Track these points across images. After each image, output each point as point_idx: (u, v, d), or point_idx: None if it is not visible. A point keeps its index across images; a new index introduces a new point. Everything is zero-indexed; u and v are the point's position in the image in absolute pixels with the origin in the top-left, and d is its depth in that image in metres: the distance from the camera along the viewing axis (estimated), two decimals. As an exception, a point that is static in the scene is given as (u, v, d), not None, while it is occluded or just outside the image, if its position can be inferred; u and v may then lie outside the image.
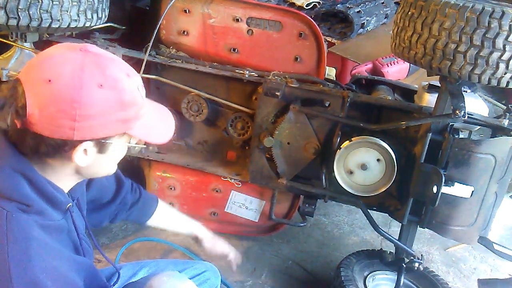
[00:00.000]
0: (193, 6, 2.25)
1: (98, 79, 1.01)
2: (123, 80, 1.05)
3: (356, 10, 3.07)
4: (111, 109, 1.03)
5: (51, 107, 0.97)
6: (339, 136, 2.02)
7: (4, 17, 1.85)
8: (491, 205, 1.92)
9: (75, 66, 0.99)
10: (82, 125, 1.00)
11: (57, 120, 0.98)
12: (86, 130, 1.02)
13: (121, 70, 1.07)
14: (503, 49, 1.55)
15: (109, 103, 1.02)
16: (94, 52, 1.04)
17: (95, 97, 1.00)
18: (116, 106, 1.04)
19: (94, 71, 1.01)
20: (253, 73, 2.21)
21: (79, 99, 0.98)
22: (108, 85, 1.02)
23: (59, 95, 0.97)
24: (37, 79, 0.98)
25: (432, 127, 1.86)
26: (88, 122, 1.01)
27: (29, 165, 1.04)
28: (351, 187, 2.00)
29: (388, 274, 2.17)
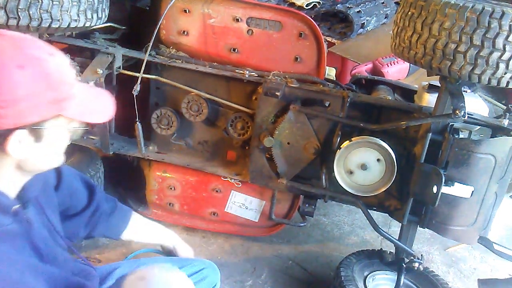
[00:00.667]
0: (193, 6, 2.25)
1: (18, 60, 0.95)
2: (46, 58, 0.99)
3: (356, 10, 3.07)
4: (38, 90, 0.97)
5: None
6: (339, 136, 2.02)
7: (4, 17, 1.85)
8: (491, 205, 1.92)
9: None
10: (9, 112, 0.94)
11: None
12: (15, 116, 0.95)
13: (42, 49, 1.00)
14: (503, 49, 1.55)
15: (34, 83, 0.96)
16: (11, 34, 0.99)
17: (18, 79, 0.94)
18: (43, 86, 0.98)
19: (12, 53, 0.95)
20: (253, 73, 2.21)
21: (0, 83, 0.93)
22: (30, 65, 0.96)
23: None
24: None
25: (432, 127, 1.86)
26: (15, 107, 0.94)
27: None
28: (351, 187, 2.00)
29: (388, 274, 2.17)
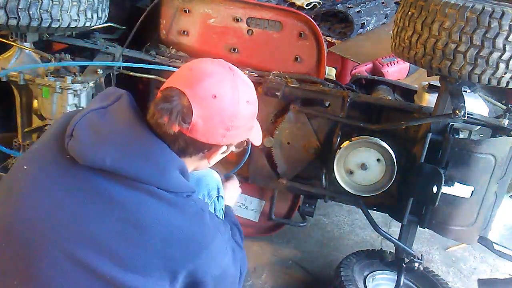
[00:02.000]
0: (193, 6, 2.25)
1: (247, 96, 1.21)
2: (255, 95, 1.27)
3: (356, 10, 3.06)
4: (250, 121, 1.25)
5: (215, 119, 1.15)
6: (339, 136, 2.02)
7: (4, 17, 1.85)
8: (491, 205, 1.92)
9: (233, 85, 1.18)
10: (230, 134, 1.19)
11: (216, 129, 1.16)
12: (231, 137, 1.21)
13: (253, 87, 1.27)
14: (503, 49, 1.55)
15: (249, 116, 1.24)
16: (238, 71, 1.24)
17: (245, 112, 1.20)
18: (252, 118, 1.27)
19: (245, 89, 1.21)
20: (253, 73, 2.21)
21: (236, 113, 1.17)
22: (251, 102, 1.23)
23: (223, 109, 1.15)
24: (203, 94, 1.13)
25: (432, 127, 1.86)
26: (235, 131, 1.20)
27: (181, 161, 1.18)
28: (351, 187, 2.00)
29: (388, 274, 2.17)
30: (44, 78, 2.01)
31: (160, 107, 1.11)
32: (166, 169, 1.11)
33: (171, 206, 1.10)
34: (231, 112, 1.16)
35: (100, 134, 1.10)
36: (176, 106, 1.11)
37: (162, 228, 1.08)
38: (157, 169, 1.10)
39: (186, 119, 1.12)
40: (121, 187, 1.08)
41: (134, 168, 1.08)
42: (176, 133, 1.12)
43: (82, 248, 1.04)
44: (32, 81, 2.03)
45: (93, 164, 1.08)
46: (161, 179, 1.10)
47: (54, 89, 1.99)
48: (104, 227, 1.06)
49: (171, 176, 1.12)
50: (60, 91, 2.00)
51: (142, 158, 1.09)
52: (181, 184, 1.14)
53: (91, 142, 1.09)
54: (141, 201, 1.08)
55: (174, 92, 1.13)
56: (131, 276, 1.05)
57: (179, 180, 1.14)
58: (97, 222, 1.06)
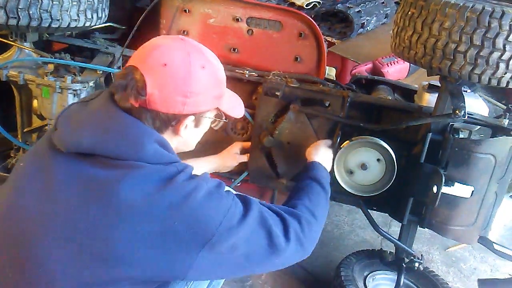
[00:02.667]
0: (193, 6, 2.25)
1: (201, 62, 1.22)
2: (216, 62, 1.28)
3: (356, 10, 3.06)
4: (210, 86, 1.24)
5: (169, 86, 1.16)
6: (339, 136, 2.01)
7: (4, 16, 1.85)
8: (491, 205, 1.92)
9: (183, 52, 1.20)
10: (190, 101, 1.20)
11: (173, 97, 1.17)
12: (192, 105, 1.21)
13: (212, 55, 1.28)
14: (503, 49, 1.55)
15: (209, 81, 1.23)
16: (191, 40, 1.25)
17: (200, 77, 1.21)
18: (213, 84, 1.26)
19: (197, 56, 1.22)
20: (253, 73, 2.20)
21: (190, 78, 1.18)
22: (208, 66, 1.23)
23: (175, 75, 1.17)
24: (153, 64, 1.16)
25: (432, 127, 1.86)
26: (195, 98, 1.20)
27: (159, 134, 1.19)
28: (351, 187, 2.00)
29: (388, 274, 2.17)
30: (44, 78, 2.01)
31: (116, 84, 1.16)
32: (142, 142, 1.13)
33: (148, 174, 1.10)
34: (183, 77, 1.18)
35: (78, 121, 1.17)
36: (130, 80, 1.15)
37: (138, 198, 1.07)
38: (133, 143, 1.12)
39: (141, 91, 1.14)
40: (102, 167, 1.10)
41: (110, 146, 1.11)
42: (137, 108, 1.16)
43: (72, 230, 1.08)
44: (32, 81, 2.04)
45: (73, 149, 1.12)
46: (139, 153, 1.12)
47: (54, 89, 1.99)
48: (90, 209, 1.08)
49: (149, 148, 1.13)
50: (60, 91, 2.00)
51: (116, 135, 1.12)
52: (161, 155, 1.15)
53: (69, 130, 1.15)
54: (122, 177, 1.08)
55: (128, 69, 1.18)
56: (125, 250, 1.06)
57: (157, 151, 1.15)
58: (83, 205, 1.08)
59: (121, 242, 1.06)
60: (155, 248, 1.07)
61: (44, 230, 1.09)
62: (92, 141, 1.11)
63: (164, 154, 1.15)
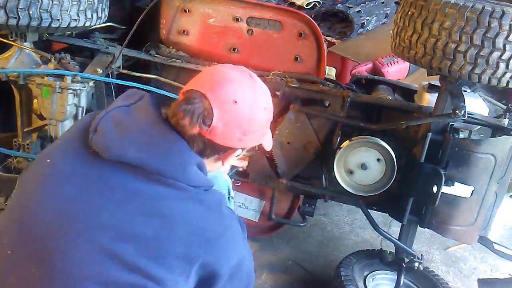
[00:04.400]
0: (193, 5, 2.25)
1: (264, 103, 1.27)
2: (271, 102, 1.31)
3: (356, 9, 3.06)
4: (265, 127, 1.31)
5: (234, 123, 1.19)
6: (339, 136, 2.02)
7: (4, 16, 1.85)
8: (491, 204, 1.92)
9: (252, 92, 1.23)
10: (247, 138, 1.24)
11: (234, 133, 1.20)
12: (247, 142, 1.25)
13: (269, 94, 1.32)
14: (503, 49, 1.55)
15: (266, 122, 1.29)
16: (257, 78, 1.28)
17: (261, 117, 1.25)
18: (267, 125, 1.32)
19: (263, 96, 1.26)
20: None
21: (254, 119, 1.22)
22: (268, 108, 1.29)
23: (242, 115, 1.20)
24: (224, 99, 1.17)
25: (432, 127, 1.86)
26: (251, 136, 1.24)
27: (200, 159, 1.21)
28: (351, 186, 2.00)
29: (388, 274, 2.17)
30: (44, 78, 2.01)
31: (182, 108, 1.15)
32: (186, 164, 1.14)
33: (191, 198, 1.14)
34: (249, 117, 1.21)
35: (123, 129, 1.15)
36: (198, 108, 1.15)
37: (182, 218, 1.11)
38: (178, 164, 1.13)
39: (207, 121, 1.16)
40: (143, 180, 1.11)
41: (156, 162, 1.11)
42: (195, 134, 1.17)
43: (104, 236, 1.07)
44: (32, 81, 2.03)
45: (116, 157, 1.11)
46: (182, 174, 1.13)
47: (54, 88, 1.99)
48: (126, 217, 1.08)
49: (191, 171, 1.15)
50: (60, 91, 2.00)
51: (163, 153, 1.13)
52: (200, 179, 1.17)
53: (114, 137, 1.14)
54: (163, 194, 1.11)
55: (196, 95, 1.17)
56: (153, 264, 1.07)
57: (198, 175, 1.17)
58: (119, 212, 1.09)
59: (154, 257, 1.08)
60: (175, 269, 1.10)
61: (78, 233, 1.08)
62: (138, 154, 1.11)
63: (201, 178, 1.18)
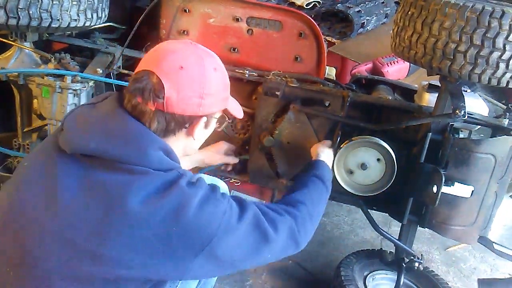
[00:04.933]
0: (193, 5, 2.25)
1: (213, 65, 1.27)
2: (223, 66, 1.32)
3: (356, 9, 3.06)
4: (220, 89, 1.29)
5: (186, 88, 1.20)
6: (339, 136, 2.01)
7: (4, 16, 1.85)
8: (491, 204, 1.92)
9: (196, 55, 1.23)
10: (205, 102, 1.23)
11: (190, 99, 1.20)
12: (207, 107, 1.25)
13: (219, 59, 1.32)
14: (503, 49, 1.55)
15: (220, 83, 1.29)
16: (199, 45, 1.28)
17: (213, 79, 1.25)
18: (223, 86, 1.31)
19: (209, 59, 1.26)
20: (253, 73, 2.21)
21: (205, 80, 1.23)
22: (219, 69, 1.28)
23: (192, 78, 1.20)
24: (169, 68, 1.19)
25: (432, 127, 1.86)
26: (209, 99, 1.24)
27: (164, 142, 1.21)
28: (351, 186, 2.00)
29: (388, 274, 2.17)
30: (44, 78, 2.01)
31: (132, 89, 1.18)
32: (146, 148, 1.15)
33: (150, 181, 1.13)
34: (200, 78, 1.22)
35: (84, 123, 1.18)
36: (147, 84, 1.17)
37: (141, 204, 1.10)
38: (137, 149, 1.14)
39: (159, 94, 1.17)
40: (107, 170, 1.12)
41: (116, 151, 1.12)
42: (153, 111, 1.18)
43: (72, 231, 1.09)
44: (32, 81, 2.04)
45: (78, 150, 1.14)
46: (142, 158, 1.14)
47: (54, 88, 1.99)
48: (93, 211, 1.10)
49: (152, 154, 1.15)
50: (60, 91, 2.00)
51: (122, 140, 1.14)
52: (162, 162, 1.17)
53: (76, 131, 1.17)
54: (127, 183, 1.11)
55: (143, 73, 1.19)
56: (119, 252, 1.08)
57: (160, 158, 1.16)
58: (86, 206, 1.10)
59: (121, 245, 1.08)
60: (154, 253, 1.10)
61: (44, 229, 1.11)
62: (98, 144, 1.12)
63: (164, 161, 1.17)
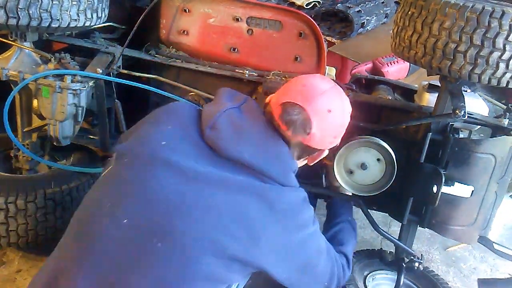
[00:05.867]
0: (193, 5, 2.25)
1: (349, 108, 1.44)
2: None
3: (356, 9, 3.06)
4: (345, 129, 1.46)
5: (329, 130, 1.38)
6: (339, 136, 2.01)
7: (4, 16, 1.85)
8: (491, 204, 1.92)
9: (340, 100, 1.40)
10: (336, 140, 1.44)
11: (327, 138, 1.39)
12: (333, 144, 1.43)
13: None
14: (503, 49, 1.55)
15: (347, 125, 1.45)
16: (340, 88, 1.43)
17: (347, 122, 1.43)
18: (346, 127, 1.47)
19: (348, 103, 1.43)
20: (253, 73, 2.21)
21: (344, 124, 1.43)
22: (350, 111, 1.45)
23: (335, 121, 1.38)
24: (319, 109, 1.34)
25: (432, 127, 1.86)
26: (337, 138, 1.44)
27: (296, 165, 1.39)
28: (351, 186, 1.99)
29: (388, 274, 2.17)
30: (44, 78, 2.01)
31: (285, 121, 1.32)
32: (288, 171, 1.33)
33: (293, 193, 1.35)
34: (341, 123, 1.41)
35: (239, 130, 1.30)
36: (298, 119, 1.32)
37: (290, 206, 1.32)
38: (283, 169, 1.31)
39: (307, 130, 1.33)
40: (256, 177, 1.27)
41: (267, 166, 1.28)
42: (296, 141, 1.35)
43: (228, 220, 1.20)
44: (32, 81, 2.03)
45: (232, 156, 1.26)
46: (284, 178, 1.31)
47: (54, 88, 1.99)
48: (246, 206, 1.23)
49: (290, 176, 1.34)
50: (60, 91, 2.00)
51: (273, 158, 1.30)
52: (295, 183, 1.36)
53: (231, 137, 1.28)
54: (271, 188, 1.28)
55: (295, 107, 1.33)
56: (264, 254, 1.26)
57: (294, 179, 1.35)
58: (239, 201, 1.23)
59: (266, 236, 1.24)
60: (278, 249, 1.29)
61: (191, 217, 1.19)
62: (253, 156, 1.27)
63: (295, 182, 1.36)
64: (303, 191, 1.39)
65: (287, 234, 1.30)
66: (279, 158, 1.31)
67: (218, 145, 1.27)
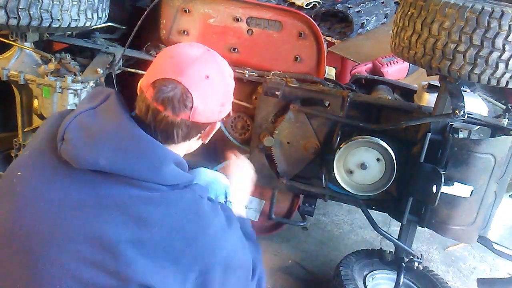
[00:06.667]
0: (193, 6, 2.25)
1: (229, 70, 1.28)
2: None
3: (356, 9, 3.06)
4: (232, 94, 1.30)
5: (212, 98, 1.20)
6: (338, 136, 2.02)
7: (5, 16, 1.85)
8: (490, 204, 1.92)
9: (216, 63, 1.23)
10: (223, 109, 1.26)
11: (214, 108, 1.21)
12: (224, 113, 1.27)
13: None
14: (502, 49, 1.55)
15: (233, 88, 1.30)
16: (214, 51, 1.27)
17: (231, 86, 1.28)
18: (232, 92, 1.31)
19: (225, 65, 1.27)
20: (253, 73, 2.21)
21: (226, 88, 1.25)
22: (231, 74, 1.29)
23: (217, 87, 1.21)
24: (196, 78, 1.16)
25: (432, 127, 1.86)
26: (227, 106, 1.27)
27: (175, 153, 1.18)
28: (351, 186, 2.00)
29: (387, 274, 2.17)
30: (45, 78, 2.01)
31: (160, 100, 1.13)
32: (161, 165, 1.10)
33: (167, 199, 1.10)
34: (223, 88, 1.24)
35: (91, 135, 1.10)
36: (175, 95, 1.13)
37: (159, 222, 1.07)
38: (151, 165, 1.09)
39: (188, 104, 1.15)
40: (118, 186, 1.08)
41: (129, 167, 1.08)
42: (179, 121, 1.16)
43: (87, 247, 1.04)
44: (32, 81, 2.04)
45: (87, 166, 1.07)
46: (157, 175, 1.10)
47: (55, 88, 1.99)
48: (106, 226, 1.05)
49: (166, 170, 1.11)
50: (60, 91, 2.00)
51: (135, 156, 1.08)
52: (178, 176, 1.15)
53: (83, 145, 1.08)
54: (138, 196, 1.08)
55: (167, 82, 1.14)
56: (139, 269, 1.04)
57: (175, 172, 1.14)
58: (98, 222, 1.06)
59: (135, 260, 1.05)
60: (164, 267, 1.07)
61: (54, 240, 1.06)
62: (110, 160, 1.07)
63: (179, 175, 1.15)
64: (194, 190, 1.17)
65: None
66: (143, 152, 1.09)
67: (71, 158, 1.08)
